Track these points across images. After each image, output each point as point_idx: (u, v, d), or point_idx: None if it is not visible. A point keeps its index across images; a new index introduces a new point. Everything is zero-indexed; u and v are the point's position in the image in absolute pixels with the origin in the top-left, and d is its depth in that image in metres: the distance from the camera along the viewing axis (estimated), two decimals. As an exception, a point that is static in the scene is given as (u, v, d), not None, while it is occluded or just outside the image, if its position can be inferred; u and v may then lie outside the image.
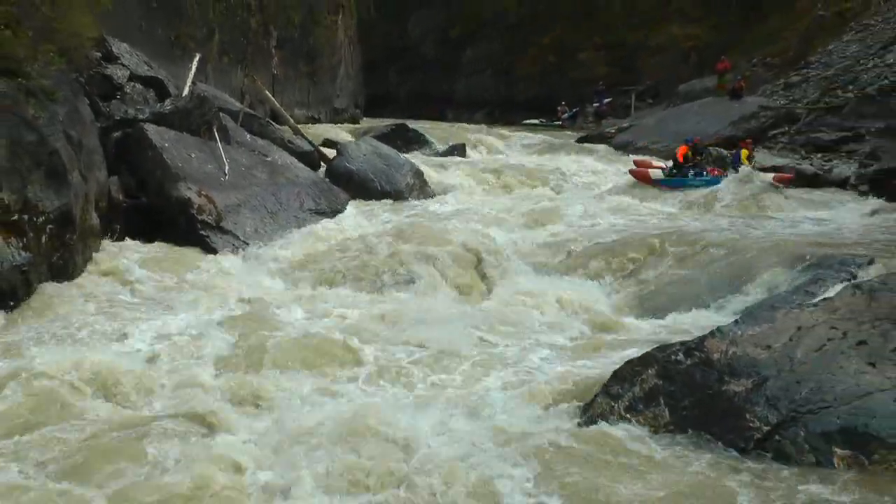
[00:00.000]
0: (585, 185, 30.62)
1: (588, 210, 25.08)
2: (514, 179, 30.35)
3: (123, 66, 23.53)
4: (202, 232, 19.80)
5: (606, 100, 53.51)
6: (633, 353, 12.02)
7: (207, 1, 36.70)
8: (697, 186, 28.19)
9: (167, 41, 32.88)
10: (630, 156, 37.43)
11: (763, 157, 31.78)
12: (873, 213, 23.72)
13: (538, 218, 23.72)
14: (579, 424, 10.61)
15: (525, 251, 19.50)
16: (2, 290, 14.34)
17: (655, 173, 29.65)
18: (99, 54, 22.44)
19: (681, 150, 29.65)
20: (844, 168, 29.45)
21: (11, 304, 14.55)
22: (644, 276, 17.74)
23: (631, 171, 30.51)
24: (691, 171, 28.89)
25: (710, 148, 31.88)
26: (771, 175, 27.66)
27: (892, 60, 35.03)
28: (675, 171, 29.15)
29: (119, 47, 24.02)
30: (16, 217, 14.71)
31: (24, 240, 14.89)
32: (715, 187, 27.67)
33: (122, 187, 20.23)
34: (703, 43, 52.18)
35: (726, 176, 28.29)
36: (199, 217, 19.97)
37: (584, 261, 18.90)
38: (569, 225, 22.95)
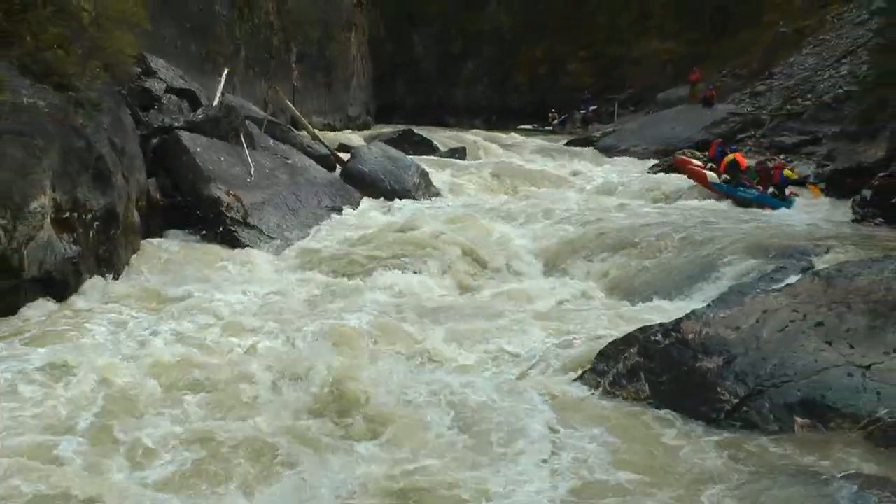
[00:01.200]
0: (572, 183, 30.54)
1: (574, 206, 25.11)
2: (508, 179, 30.36)
3: (160, 79, 23.58)
4: (231, 227, 19.86)
5: (592, 107, 53.49)
6: (618, 333, 12.07)
7: (234, 21, 36.70)
8: (763, 203, 24.87)
9: (199, 57, 32.88)
10: (615, 157, 37.59)
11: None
12: (829, 207, 23.77)
13: (528, 213, 23.74)
14: (566, 397, 10.68)
15: (515, 242, 19.47)
16: (55, 280, 14.41)
17: (712, 177, 26.54)
18: (139, 69, 22.48)
19: (737, 156, 26.96)
20: (804, 168, 29.61)
21: (64, 292, 14.64)
22: (627, 264, 17.77)
23: (687, 168, 27.90)
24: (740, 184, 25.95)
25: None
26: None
27: (845, 72, 35.18)
28: (729, 178, 26.16)
29: (156, 63, 24.06)
30: (67, 215, 14.77)
31: (75, 235, 14.95)
32: (785, 210, 24.42)
33: (160, 187, 20.31)
34: (678, 56, 52.21)
35: (790, 198, 25.26)
36: (228, 214, 20.04)
37: (573, 250, 18.95)
38: (556, 220, 22.96)
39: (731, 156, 26.63)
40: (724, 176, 26.02)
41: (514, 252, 18.90)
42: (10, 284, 13.57)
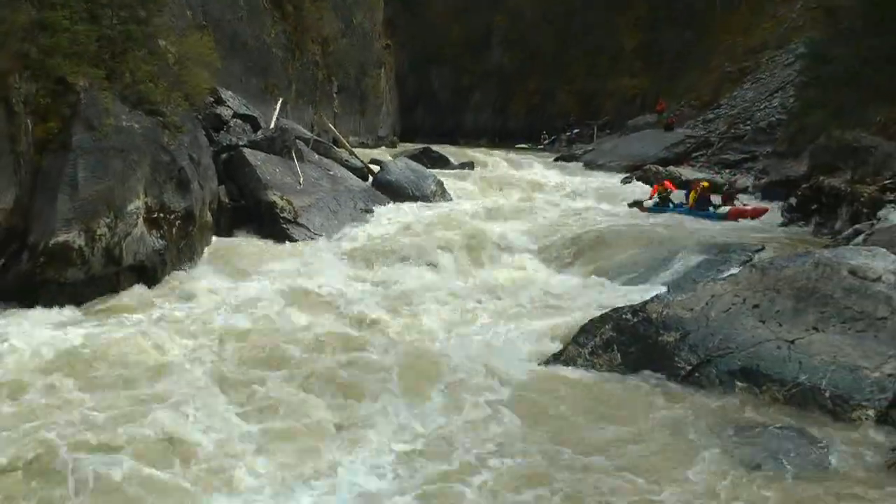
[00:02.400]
0: (561, 190, 30.52)
1: (561, 209, 25.18)
2: (506, 187, 30.31)
3: (229, 107, 23.68)
4: (284, 226, 19.99)
5: (576, 130, 53.55)
6: (595, 312, 12.18)
7: (287, 61, 36.82)
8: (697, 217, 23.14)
9: (259, 89, 32.93)
10: (594, 170, 37.62)
11: (687, 171, 31.90)
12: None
13: (524, 214, 23.78)
14: (556, 364, 10.81)
15: (514, 238, 19.52)
16: (147, 267, 14.65)
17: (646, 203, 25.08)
18: (212, 99, 22.62)
19: (666, 183, 25.86)
20: (745, 180, 29.62)
21: (153, 277, 14.88)
22: (604, 256, 17.80)
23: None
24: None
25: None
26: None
27: (777, 103, 35.26)
28: (659, 201, 24.63)
29: (226, 94, 24.17)
30: (155, 215, 14.95)
31: (161, 231, 15.13)
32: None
33: (228, 193, 20.42)
34: (644, 90, 52.23)
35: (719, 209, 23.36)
36: (282, 215, 20.17)
37: (561, 244, 19.02)
38: (547, 220, 23.04)
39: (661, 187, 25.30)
40: (655, 199, 24.94)
41: (511, 245, 18.92)
42: (112, 270, 13.84)
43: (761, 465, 7.63)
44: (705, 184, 23.75)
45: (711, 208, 23.22)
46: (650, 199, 25.08)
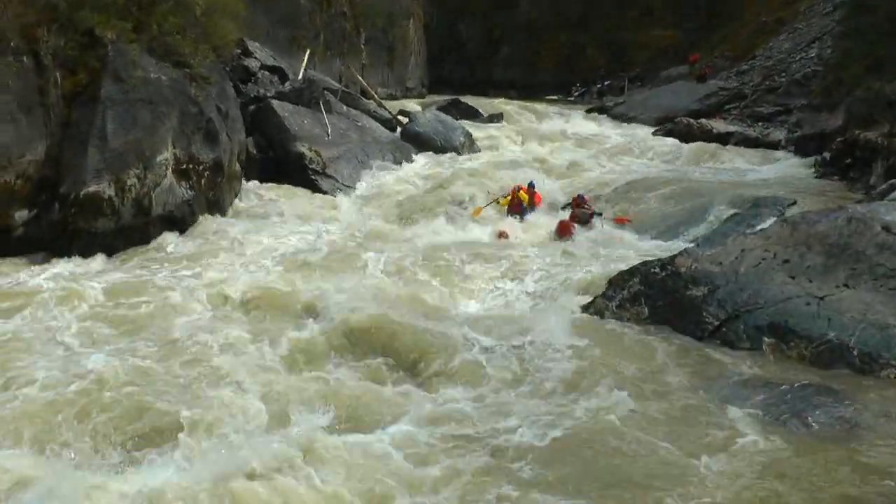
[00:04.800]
0: (591, 142, 30.21)
1: (590, 161, 24.98)
2: (536, 139, 29.99)
3: (256, 59, 23.65)
4: (312, 177, 20.11)
5: (607, 82, 52.76)
6: (624, 265, 12.16)
7: (315, 11, 36.60)
8: None
9: (287, 41, 32.79)
10: (624, 123, 36.98)
11: (720, 124, 31.47)
12: (796, 166, 23.49)
13: (553, 167, 23.64)
14: (584, 316, 10.82)
15: (542, 189, 19.40)
16: (176, 217, 14.84)
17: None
18: (239, 51, 22.60)
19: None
20: (777, 133, 29.22)
21: (183, 227, 15.06)
22: (634, 208, 17.72)
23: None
24: None
25: None
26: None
27: (813, 54, 34.53)
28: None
29: (253, 45, 24.12)
30: (184, 166, 15.07)
31: (190, 182, 15.26)
32: None
33: (256, 145, 20.52)
34: (677, 41, 51.28)
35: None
36: (310, 166, 20.27)
37: (591, 197, 18.90)
38: (577, 171, 22.93)
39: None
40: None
41: (544, 196, 18.82)
42: (143, 221, 14.05)
43: (786, 423, 7.60)
44: (523, 189, 18.50)
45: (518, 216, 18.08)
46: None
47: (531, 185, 18.58)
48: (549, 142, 29.40)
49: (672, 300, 10.43)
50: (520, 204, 17.90)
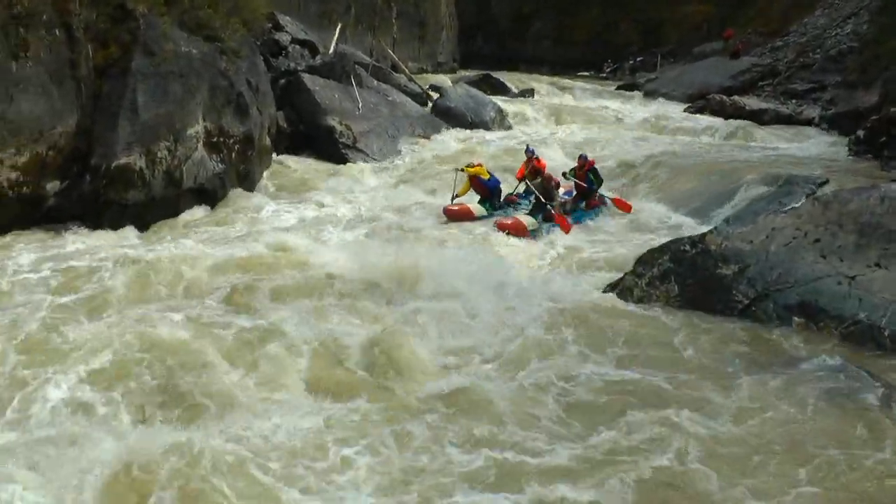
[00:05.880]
0: (621, 119, 30.00)
1: (622, 138, 24.80)
2: (568, 115, 29.85)
3: (287, 32, 23.69)
4: (342, 150, 20.19)
5: (639, 58, 52.38)
6: (653, 242, 12.08)
7: (347, -15, 36.66)
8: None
9: (318, 14, 32.81)
10: (657, 100, 36.65)
11: (752, 101, 31.09)
12: (830, 144, 23.22)
13: (583, 144, 23.48)
14: (613, 293, 10.76)
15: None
16: (207, 190, 14.90)
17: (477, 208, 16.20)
18: (270, 24, 22.66)
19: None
20: (811, 111, 28.90)
21: (213, 200, 15.15)
22: (666, 185, 17.61)
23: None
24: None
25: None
26: None
27: (849, 30, 34.03)
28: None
29: (284, 19, 24.18)
30: (215, 139, 15.11)
31: (221, 155, 15.30)
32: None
33: (286, 118, 20.58)
34: (711, 17, 50.61)
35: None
36: (341, 140, 20.36)
37: (622, 173, 18.86)
38: (608, 148, 22.76)
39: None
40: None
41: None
42: (174, 193, 14.11)
43: (815, 403, 7.51)
44: (476, 165, 16.19)
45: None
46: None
47: (530, 152, 16.25)
48: (579, 117, 29.23)
49: (702, 278, 10.31)
50: (482, 184, 15.85)
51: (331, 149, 20.20)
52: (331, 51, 24.79)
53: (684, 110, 32.40)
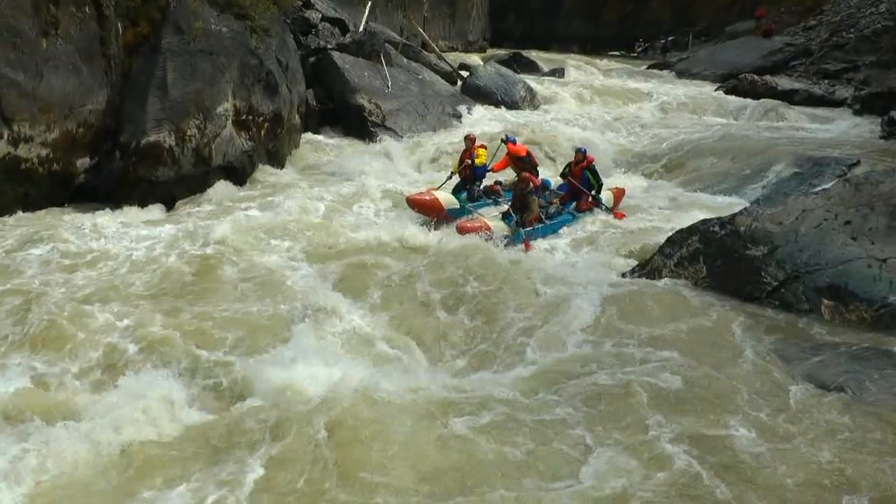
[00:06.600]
0: (651, 99, 29.68)
1: (652, 118, 24.58)
2: (598, 95, 29.58)
3: (317, 10, 23.64)
4: (371, 129, 20.14)
5: (671, 37, 51.87)
6: (682, 223, 11.96)
7: (378, -38, 36.44)
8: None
9: (348, -8, 32.77)
10: (688, 79, 36.28)
11: (784, 81, 30.68)
12: (862, 125, 22.88)
13: (614, 123, 23.31)
14: (640, 275, 10.68)
15: (602, 148, 19.14)
16: (235, 168, 14.92)
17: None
18: (300, 2, 22.63)
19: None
20: (843, 91, 28.50)
21: (242, 177, 15.18)
22: (696, 166, 17.45)
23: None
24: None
25: None
26: None
27: (884, 9, 33.51)
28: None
29: (314, -3, 24.13)
30: (244, 117, 15.11)
31: (250, 133, 15.31)
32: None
33: (316, 96, 20.56)
34: (744, -5, 50.05)
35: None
36: (370, 118, 20.29)
37: (652, 155, 18.68)
38: (639, 128, 22.55)
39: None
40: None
41: (599, 154, 18.53)
42: (202, 170, 14.12)
43: (842, 387, 7.39)
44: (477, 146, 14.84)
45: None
46: None
47: (511, 142, 14.96)
48: (609, 97, 28.97)
49: (731, 259, 10.18)
50: (517, 161, 14.47)
51: (360, 127, 20.18)
52: (361, 29, 24.71)
53: (715, 90, 32.04)
